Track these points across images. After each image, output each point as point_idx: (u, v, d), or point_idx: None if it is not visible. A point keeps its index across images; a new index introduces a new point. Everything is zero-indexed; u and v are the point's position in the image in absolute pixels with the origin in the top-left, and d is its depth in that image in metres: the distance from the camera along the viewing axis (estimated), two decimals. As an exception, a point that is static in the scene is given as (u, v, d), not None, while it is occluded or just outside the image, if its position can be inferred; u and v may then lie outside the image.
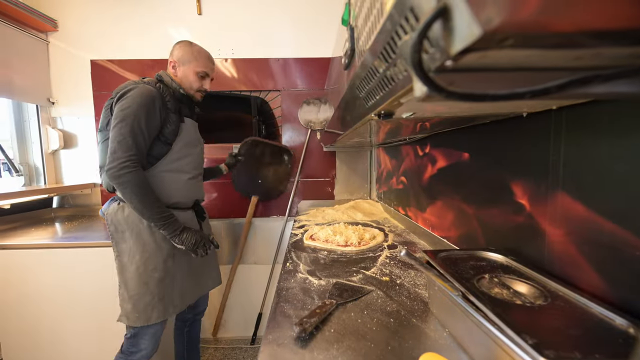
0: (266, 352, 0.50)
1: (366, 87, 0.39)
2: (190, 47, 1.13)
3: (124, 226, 1.04)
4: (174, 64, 1.12)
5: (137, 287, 1.02)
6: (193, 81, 1.13)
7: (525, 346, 0.33)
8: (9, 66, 1.54)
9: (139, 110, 0.96)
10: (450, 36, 0.18)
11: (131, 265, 1.03)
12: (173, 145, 1.07)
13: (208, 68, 1.15)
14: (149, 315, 1.03)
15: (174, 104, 1.07)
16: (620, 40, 0.19)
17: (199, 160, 1.20)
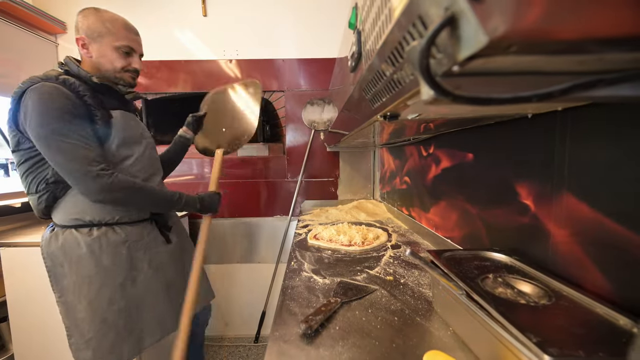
0: (273, 349, 0.51)
1: (373, 90, 0.39)
2: (98, 15, 0.85)
3: (60, 258, 0.85)
4: (84, 42, 0.85)
5: (94, 327, 0.85)
6: (114, 59, 0.87)
7: (530, 344, 0.34)
8: (19, 67, 1.57)
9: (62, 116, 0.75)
10: (458, 43, 0.19)
11: (79, 303, 0.85)
12: (105, 148, 0.85)
13: (131, 40, 0.89)
14: (121, 353, 0.87)
15: (93, 96, 0.83)
16: (623, 46, 0.19)
17: (147, 160, 0.97)
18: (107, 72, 0.89)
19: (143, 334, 0.92)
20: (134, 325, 0.90)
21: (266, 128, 2.30)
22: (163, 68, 1.81)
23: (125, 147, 0.90)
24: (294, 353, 0.49)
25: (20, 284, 1.28)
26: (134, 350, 0.90)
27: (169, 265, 1.01)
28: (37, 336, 1.30)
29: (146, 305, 0.93)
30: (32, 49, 1.64)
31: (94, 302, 0.85)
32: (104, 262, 0.87)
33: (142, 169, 0.95)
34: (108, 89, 0.90)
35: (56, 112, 0.75)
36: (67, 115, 0.77)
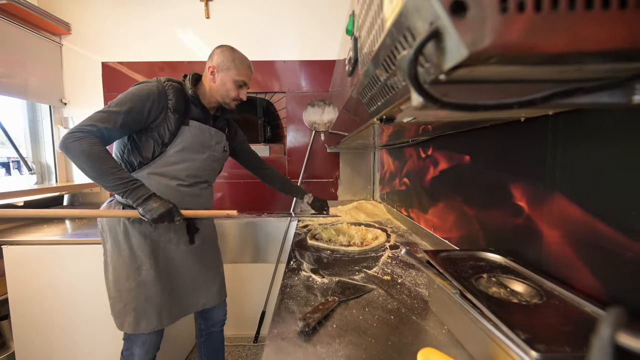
0: (272, 346, 0.52)
1: (369, 94, 0.41)
2: (232, 53, 1.05)
3: (105, 227, 1.01)
4: (213, 70, 1.04)
5: (113, 291, 1.00)
6: (230, 89, 1.05)
7: (518, 341, 0.35)
8: (24, 68, 1.59)
9: (123, 99, 0.91)
10: (443, 54, 0.20)
11: (110, 265, 1.01)
12: (168, 148, 0.99)
13: (247, 77, 1.08)
14: (122, 321, 0.99)
15: (178, 103, 0.99)
16: (599, 58, 0.21)
17: (202, 168, 1.09)
18: (220, 97, 1.06)
19: (141, 318, 0.99)
20: (137, 307, 0.99)
21: (267, 129, 2.32)
22: (166, 68, 1.83)
23: (186, 152, 1.03)
24: (291, 350, 0.51)
25: (22, 282, 1.30)
26: (130, 328, 0.99)
27: (181, 263, 1.08)
28: (38, 334, 1.32)
29: (150, 293, 1.00)
30: (37, 49, 1.66)
31: (117, 271, 0.99)
32: (132, 244, 0.99)
33: (193, 175, 1.07)
34: (199, 102, 1.06)
35: (124, 97, 0.92)
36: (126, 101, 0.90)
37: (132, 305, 0.98)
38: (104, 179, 0.87)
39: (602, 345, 0.18)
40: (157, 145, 0.98)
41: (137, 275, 0.99)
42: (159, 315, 1.02)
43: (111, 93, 1.83)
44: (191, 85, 1.04)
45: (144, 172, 0.99)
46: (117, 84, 1.83)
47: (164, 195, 0.97)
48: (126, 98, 0.91)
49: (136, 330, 0.99)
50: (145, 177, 0.98)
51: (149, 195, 0.91)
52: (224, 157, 1.21)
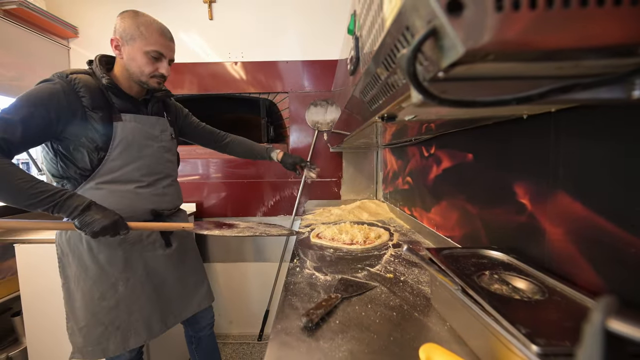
0: (276, 340, 0.53)
1: (370, 92, 0.41)
2: (135, 18, 0.85)
3: (66, 249, 0.90)
4: (117, 43, 0.86)
5: (86, 317, 0.89)
6: (143, 64, 0.86)
7: (519, 335, 0.35)
8: (33, 71, 1.62)
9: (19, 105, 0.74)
10: (440, 52, 0.21)
11: (77, 292, 0.90)
12: (109, 152, 0.86)
13: (162, 46, 0.88)
14: (105, 346, 0.89)
15: (94, 99, 0.83)
16: (595, 54, 0.21)
17: (156, 163, 0.97)
18: (134, 76, 0.89)
19: (129, 334, 0.93)
20: (122, 324, 0.91)
21: (270, 129, 2.34)
22: (170, 70, 1.85)
23: (131, 150, 0.90)
24: (295, 344, 0.52)
25: (33, 279, 1.33)
26: (118, 348, 0.91)
27: (164, 269, 1.01)
28: (50, 330, 1.35)
29: (135, 307, 0.94)
30: (45, 52, 1.69)
31: (87, 295, 0.89)
32: (100, 260, 0.89)
33: (150, 172, 0.95)
34: (119, 91, 0.90)
35: (27, 98, 0.76)
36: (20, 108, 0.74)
37: (115, 325, 0.90)
38: (20, 196, 0.71)
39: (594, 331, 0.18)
40: (92, 152, 0.84)
41: (115, 292, 0.90)
42: (149, 327, 0.95)
43: (117, 94, 1.86)
44: (102, 72, 0.86)
45: (91, 184, 0.86)
46: (123, 86, 1.86)
47: (119, 202, 0.87)
48: (21, 103, 0.74)
49: (125, 348, 0.92)
50: (94, 189, 0.86)
51: (87, 205, 0.77)
52: (175, 145, 1.08)
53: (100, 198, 0.84)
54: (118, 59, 0.90)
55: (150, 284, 0.97)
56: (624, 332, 0.17)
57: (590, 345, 0.19)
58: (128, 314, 0.92)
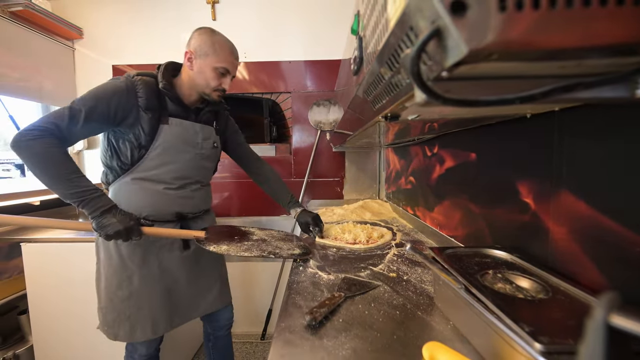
0: (279, 338, 0.53)
1: (373, 92, 0.42)
2: (211, 36, 0.93)
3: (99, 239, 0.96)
4: (190, 55, 0.93)
5: (104, 300, 0.96)
6: (210, 78, 0.94)
7: (522, 333, 0.35)
8: (38, 72, 1.64)
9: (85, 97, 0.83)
10: (444, 52, 0.21)
11: (102, 275, 0.97)
12: (149, 151, 0.92)
13: (229, 64, 0.95)
14: (116, 332, 0.95)
15: (150, 100, 0.89)
16: (598, 53, 0.21)
17: (189, 168, 1.01)
18: (199, 87, 0.96)
19: (136, 327, 0.96)
20: (131, 316, 0.96)
21: (273, 129, 2.34)
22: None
23: (168, 153, 0.95)
24: (299, 342, 0.52)
25: (40, 277, 1.35)
26: (126, 337, 0.96)
27: (178, 270, 1.03)
28: (56, 328, 1.36)
29: (145, 303, 0.97)
30: (50, 54, 1.72)
31: (107, 281, 0.96)
32: (122, 252, 0.95)
33: (180, 176, 0.99)
34: (174, 96, 0.95)
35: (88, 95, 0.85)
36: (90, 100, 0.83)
37: (125, 315, 0.95)
38: (58, 185, 0.78)
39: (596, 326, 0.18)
40: (135, 149, 0.91)
41: (129, 284, 0.95)
42: (154, 325, 0.98)
43: (121, 95, 1.88)
44: (162, 78, 0.93)
45: (127, 178, 0.93)
46: (127, 86, 1.87)
47: (148, 200, 0.93)
48: (90, 95, 0.84)
49: (131, 339, 0.97)
50: (129, 183, 0.93)
51: (109, 207, 0.83)
52: (216, 154, 1.11)
53: (132, 192, 0.92)
54: (187, 68, 0.96)
55: (163, 283, 1.00)
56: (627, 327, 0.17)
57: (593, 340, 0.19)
58: (137, 308, 0.96)
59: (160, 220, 0.98)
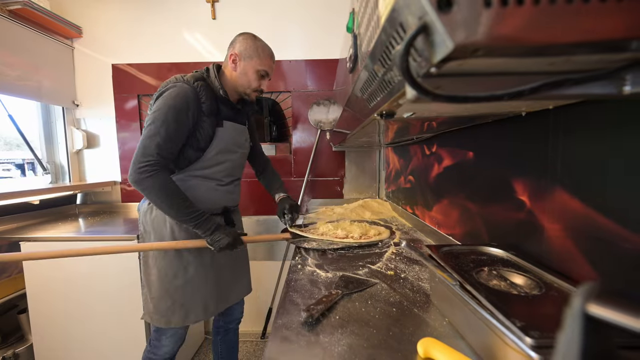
0: (276, 335, 0.54)
1: (368, 89, 0.42)
2: (254, 41, 1.01)
3: (149, 227, 1.03)
4: (235, 57, 1.00)
5: (158, 291, 1.01)
6: (252, 80, 1.02)
7: (514, 328, 0.36)
8: (37, 71, 1.65)
9: (168, 114, 0.90)
10: (432, 48, 0.21)
11: (154, 268, 1.02)
12: (206, 152, 1.00)
13: (270, 67, 1.04)
14: (169, 318, 1.02)
15: (211, 105, 0.98)
16: (583, 49, 0.22)
17: (236, 166, 1.12)
18: (240, 87, 1.03)
19: (190, 311, 1.04)
20: (186, 302, 1.03)
21: (273, 128, 2.34)
22: (174, 70, 1.87)
23: (222, 154, 1.04)
24: (295, 339, 0.52)
25: (39, 277, 1.35)
26: (179, 322, 1.03)
27: (224, 258, 1.12)
28: (55, 327, 1.37)
29: (199, 288, 1.05)
30: (50, 52, 1.72)
31: (161, 271, 1.02)
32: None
33: (229, 174, 1.10)
34: (228, 101, 1.04)
35: (169, 109, 0.91)
36: (173, 115, 0.91)
37: (180, 302, 1.02)
38: (177, 213, 0.92)
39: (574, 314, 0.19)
40: (194, 151, 0.99)
41: (185, 273, 1.02)
42: (205, 308, 1.07)
43: (121, 94, 1.88)
44: (220, 84, 1.00)
45: (182, 175, 1.00)
46: (127, 86, 1.88)
47: (204, 195, 1.03)
48: (169, 111, 0.90)
49: (184, 323, 1.04)
50: (184, 180, 1.00)
51: (217, 226, 0.97)
52: (249, 151, 1.21)
53: (187, 189, 0.98)
54: (230, 68, 1.02)
55: (213, 270, 1.09)
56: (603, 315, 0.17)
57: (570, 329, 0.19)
58: (192, 294, 1.04)
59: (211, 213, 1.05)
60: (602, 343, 0.18)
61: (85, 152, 1.96)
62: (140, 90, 1.88)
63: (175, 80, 0.97)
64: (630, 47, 0.22)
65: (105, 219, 1.69)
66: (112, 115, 1.90)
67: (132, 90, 1.88)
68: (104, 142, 1.95)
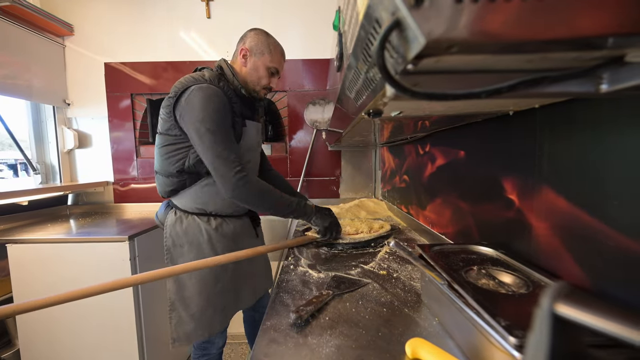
0: (263, 336, 0.53)
1: (354, 88, 0.42)
2: (267, 37, 1.00)
3: (182, 239, 0.99)
4: (245, 53, 0.99)
5: (199, 303, 0.97)
6: (262, 76, 1.00)
7: (498, 327, 0.35)
8: (28, 69, 1.62)
9: (218, 118, 0.88)
10: (406, 44, 0.21)
11: (190, 280, 0.97)
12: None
13: (280, 65, 1.04)
14: (213, 327, 1.00)
15: (240, 106, 0.98)
16: (554, 46, 0.21)
17: (255, 164, 1.12)
18: (250, 84, 1.02)
19: (229, 314, 1.05)
20: (226, 305, 1.03)
21: (269, 128, 2.33)
22: (170, 69, 1.86)
23: (248, 153, 1.04)
24: (282, 340, 0.52)
25: (26, 280, 1.33)
26: (222, 325, 1.03)
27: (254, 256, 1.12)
28: (43, 332, 1.35)
29: (235, 288, 1.06)
30: (40, 51, 1.69)
31: (202, 281, 0.98)
32: (217, 249, 1.01)
33: (253, 172, 1.09)
34: (248, 100, 1.03)
35: (214, 113, 0.88)
36: (220, 118, 0.89)
37: (221, 307, 1.01)
38: (279, 210, 0.95)
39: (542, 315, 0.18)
40: None
41: (225, 275, 1.02)
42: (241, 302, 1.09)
43: (114, 93, 1.86)
44: (239, 83, 0.99)
45: (211, 179, 0.96)
46: (120, 85, 1.86)
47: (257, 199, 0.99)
48: (216, 116, 0.88)
49: (224, 325, 1.04)
50: (212, 183, 0.96)
51: (314, 210, 1.00)
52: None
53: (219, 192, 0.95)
54: (239, 63, 1.01)
55: (247, 269, 1.11)
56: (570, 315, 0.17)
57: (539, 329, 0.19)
58: (231, 297, 1.05)
59: (234, 215, 1.07)
60: (571, 343, 0.18)
61: (76, 152, 1.93)
62: (134, 89, 1.86)
63: (194, 80, 0.92)
64: (606, 45, 0.22)
65: (97, 220, 1.67)
66: (104, 114, 1.88)
67: (125, 89, 1.86)
68: (96, 142, 1.93)
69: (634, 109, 0.37)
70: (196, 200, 0.99)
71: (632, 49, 0.23)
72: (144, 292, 1.37)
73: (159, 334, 1.49)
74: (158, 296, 1.47)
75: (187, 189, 0.98)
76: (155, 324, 1.45)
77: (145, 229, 1.41)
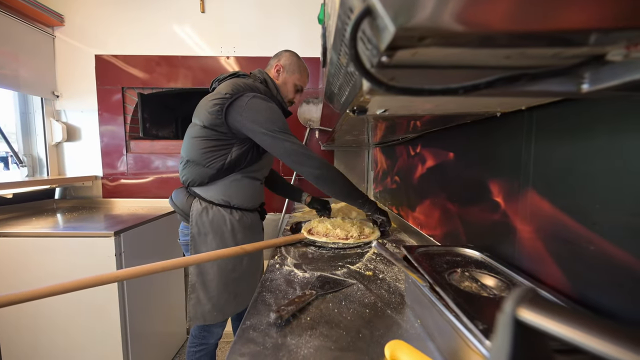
0: (242, 336, 0.52)
1: (337, 83, 0.41)
2: (298, 59, 1.20)
3: (207, 228, 1.08)
4: (279, 68, 1.17)
5: (217, 287, 1.07)
6: (290, 92, 1.19)
7: (476, 331, 0.35)
8: (16, 59, 1.58)
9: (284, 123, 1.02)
10: (379, 34, 0.20)
11: (212, 267, 1.07)
12: (264, 155, 1.14)
13: (305, 84, 1.22)
14: (225, 311, 1.10)
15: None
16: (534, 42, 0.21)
17: (270, 166, 1.25)
18: (278, 96, 1.17)
19: (241, 299, 1.13)
20: (238, 292, 1.12)
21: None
22: (163, 63, 1.83)
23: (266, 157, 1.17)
24: (261, 340, 0.51)
25: (9, 275, 1.29)
26: (233, 311, 1.12)
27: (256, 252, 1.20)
28: (26, 328, 1.31)
29: (248, 278, 1.16)
30: (30, 41, 1.65)
31: (222, 267, 1.08)
32: (238, 239, 1.11)
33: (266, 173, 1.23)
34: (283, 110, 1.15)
35: (279, 116, 1.03)
36: (282, 119, 1.04)
37: (235, 293, 1.11)
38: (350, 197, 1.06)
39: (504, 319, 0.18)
40: (258, 153, 1.10)
41: (241, 266, 1.12)
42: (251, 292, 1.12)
43: (104, 86, 1.82)
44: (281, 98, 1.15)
45: (240, 174, 1.10)
46: (111, 77, 1.82)
47: (252, 193, 1.15)
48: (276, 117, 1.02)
49: (236, 311, 1.13)
50: (240, 179, 1.11)
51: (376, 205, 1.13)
52: None
53: (244, 187, 1.12)
54: (273, 76, 1.18)
55: (258, 260, 1.23)
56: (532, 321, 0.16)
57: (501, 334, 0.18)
58: (245, 284, 1.14)
59: (251, 209, 1.18)
60: (534, 348, 0.17)
61: (65, 145, 1.89)
62: (125, 82, 1.83)
63: (250, 88, 1.05)
64: (586, 42, 0.22)
65: (85, 214, 1.64)
66: (94, 107, 1.84)
67: (116, 83, 1.83)
68: (85, 136, 1.89)
69: (618, 111, 0.37)
70: (224, 193, 1.10)
71: (612, 47, 0.22)
72: (129, 288, 1.34)
73: (144, 330, 1.46)
74: (143, 292, 1.45)
75: (217, 181, 1.09)
76: (141, 321, 1.43)
77: (132, 225, 1.38)
